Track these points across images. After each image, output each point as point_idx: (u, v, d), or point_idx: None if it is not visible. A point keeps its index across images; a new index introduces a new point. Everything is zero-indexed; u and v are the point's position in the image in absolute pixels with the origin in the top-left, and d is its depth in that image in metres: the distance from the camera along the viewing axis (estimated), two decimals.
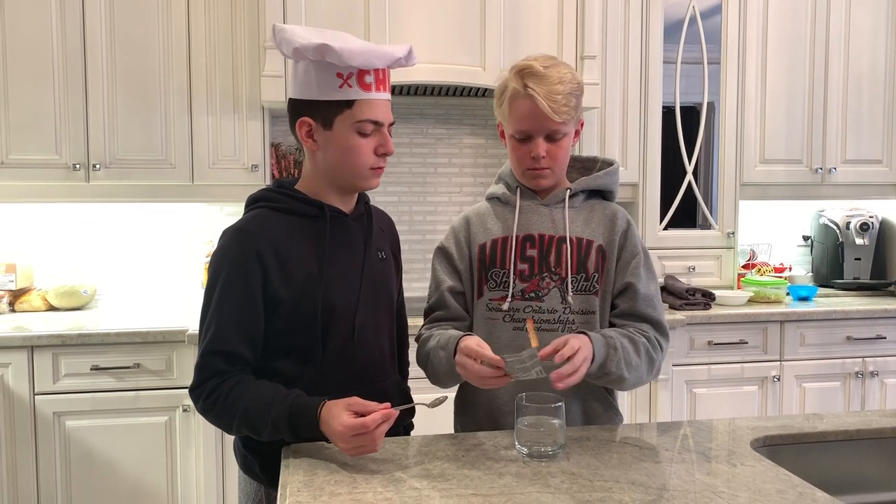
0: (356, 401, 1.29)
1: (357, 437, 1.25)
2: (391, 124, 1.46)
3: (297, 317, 1.42)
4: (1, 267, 3.00)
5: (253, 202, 1.50)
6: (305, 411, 1.31)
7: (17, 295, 3.03)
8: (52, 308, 3.05)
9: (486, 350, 1.37)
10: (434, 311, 1.63)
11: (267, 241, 1.40)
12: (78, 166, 2.84)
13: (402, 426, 1.59)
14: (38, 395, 2.58)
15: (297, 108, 1.44)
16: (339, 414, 1.27)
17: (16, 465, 2.57)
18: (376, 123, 1.42)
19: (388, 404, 1.29)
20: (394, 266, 1.64)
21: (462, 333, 1.47)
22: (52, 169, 2.84)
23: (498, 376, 1.35)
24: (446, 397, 1.44)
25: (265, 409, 1.33)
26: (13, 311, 3.01)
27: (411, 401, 1.63)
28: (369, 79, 1.39)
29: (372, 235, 1.54)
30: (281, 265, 1.40)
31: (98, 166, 2.85)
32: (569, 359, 1.33)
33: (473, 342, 1.39)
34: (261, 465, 1.46)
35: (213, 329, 1.39)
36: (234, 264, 1.39)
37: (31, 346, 2.56)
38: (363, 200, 1.56)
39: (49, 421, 2.58)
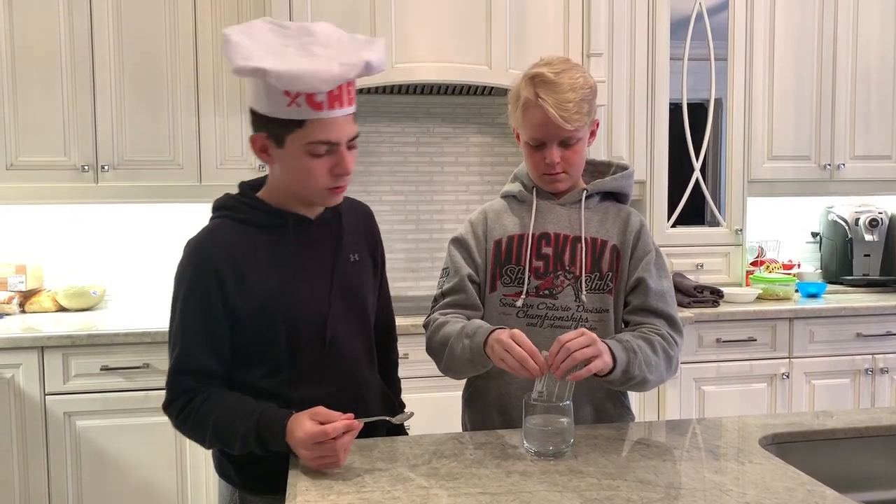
0: (321, 410, 1.27)
1: (318, 445, 1.23)
2: (353, 138, 1.37)
3: (262, 331, 1.38)
4: (11, 268, 3.01)
5: (216, 209, 1.46)
6: (272, 425, 1.29)
7: (27, 296, 3.05)
8: (61, 309, 3.06)
9: (537, 353, 1.34)
10: (449, 296, 1.60)
11: (224, 256, 1.36)
12: (86, 167, 2.86)
13: (386, 429, 1.54)
14: (48, 395, 2.59)
15: (253, 121, 1.37)
16: (303, 422, 1.25)
17: (27, 464, 2.59)
18: (330, 144, 1.32)
19: (351, 415, 1.26)
20: (370, 267, 1.57)
21: (491, 326, 1.45)
22: (61, 170, 2.86)
23: (536, 371, 1.33)
24: (412, 413, 1.45)
25: (233, 424, 1.32)
26: (23, 311, 3.03)
27: (395, 404, 1.63)
28: (320, 97, 1.28)
29: (342, 239, 1.47)
30: (238, 279, 1.36)
31: (106, 167, 2.87)
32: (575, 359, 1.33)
33: (524, 337, 1.36)
34: (235, 468, 1.44)
35: (178, 347, 1.37)
36: (192, 280, 1.37)
37: (42, 346, 2.57)
38: None
39: (60, 421, 2.60)
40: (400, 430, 1.60)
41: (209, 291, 1.35)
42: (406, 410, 1.54)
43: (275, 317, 1.38)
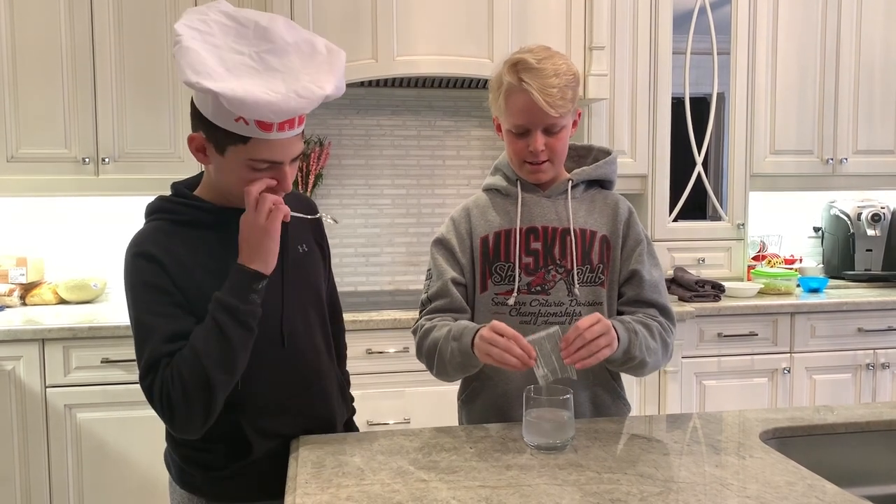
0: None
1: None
2: (298, 157, 1.31)
3: None
4: (12, 260, 3.02)
5: (149, 214, 1.37)
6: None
7: (27, 288, 3.05)
8: (62, 301, 3.07)
9: (520, 337, 1.33)
10: (434, 301, 1.57)
11: (166, 254, 1.28)
12: (87, 160, 2.85)
13: (344, 425, 1.54)
14: (49, 387, 2.59)
15: (194, 118, 1.30)
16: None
17: (28, 456, 2.59)
18: (273, 163, 1.26)
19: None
20: (319, 256, 1.52)
21: (477, 325, 1.44)
22: (62, 163, 2.85)
23: (525, 358, 1.32)
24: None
25: (206, 336, 1.23)
26: (24, 304, 3.03)
27: (352, 398, 1.61)
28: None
29: (288, 231, 1.38)
30: (186, 276, 1.28)
31: (107, 160, 2.86)
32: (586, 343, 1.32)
33: (504, 325, 1.36)
34: (203, 478, 1.38)
35: (146, 343, 1.26)
36: (140, 278, 1.29)
37: (42, 339, 2.58)
38: None
39: (60, 413, 2.60)
40: (351, 427, 1.59)
41: (160, 280, 1.27)
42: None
43: None
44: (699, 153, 3.31)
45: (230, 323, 1.24)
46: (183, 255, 1.30)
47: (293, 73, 1.23)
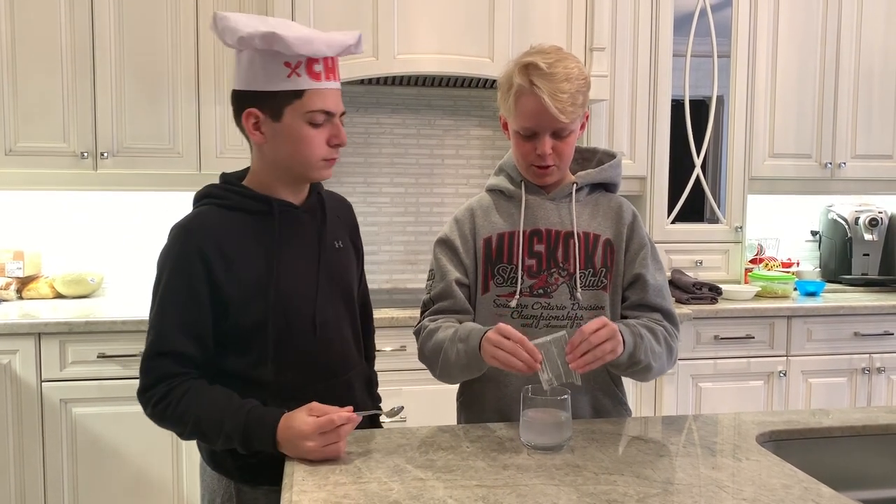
0: (315, 405, 1.28)
1: (325, 434, 1.24)
2: (342, 114, 1.41)
3: (249, 317, 1.37)
4: (9, 254, 3.01)
5: (199, 199, 1.45)
6: (262, 423, 1.29)
7: (24, 282, 3.04)
8: (59, 296, 3.06)
9: (526, 340, 1.33)
10: (437, 302, 1.57)
11: (211, 240, 1.35)
12: (86, 154, 2.85)
13: (369, 420, 1.56)
14: (45, 382, 2.59)
15: (242, 100, 1.38)
16: (303, 417, 1.26)
17: (23, 451, 2.59)
18: (328, 113, 1.37)
19: (350, 408, 1.27)
20: (353, 254, 1.59)
21: (484, 327, 1.43)
22: (60, 157, 2.85)
23: (531, 362, 1.32)
24: (402, 407, 1.48)
25: (219, 420, 1.30)
26: (21, 298, 3.02)
27: (379, 397, 1.65)
28: (318, 67, 1.34)
29: (326, 225, 1.49)
30: (227, 264, 1.35)
31: (106, 154, 2.86)
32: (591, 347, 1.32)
33: (511, 328, 1.36)
34: (231, 461, 1.41)
35: (156, 330, 1.36)
36: (176, 263, 1.36)
37: (39, 333, 2.57)
38: (315, 190, 1.51)
39: (56, 408, 2.60)
40: (376, 423, 1.60)
41: (194, 274, 1.34)
42: (395, 406, 1.56)
43: (263, 301, 1.37)
44: (698, 155, 3.32)
45: (234, 438, 1.31)
46: (224, 241, 1.37)
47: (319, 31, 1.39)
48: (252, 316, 1.37)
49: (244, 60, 1.36)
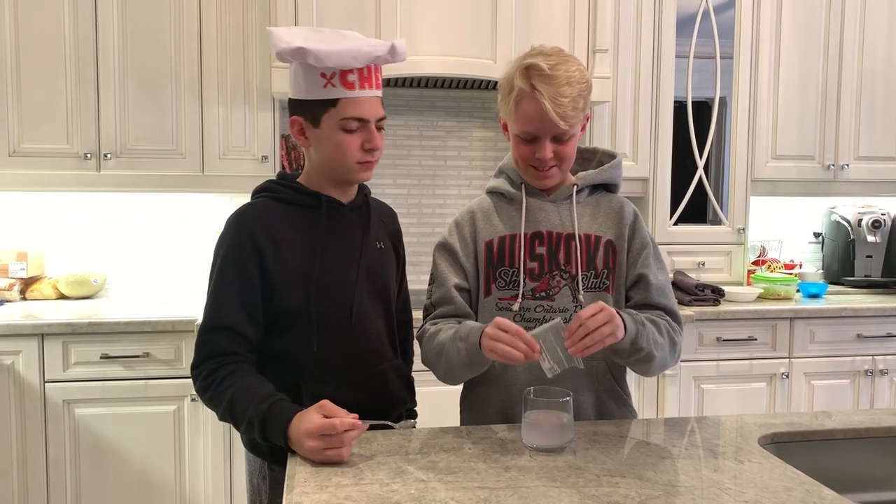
0: (327, 404, 1.30)
1: (326, 437, 1.25)
2: (381, 119, 1.49)
3: (293, 301, 1.47)
4: (12, 255, 3.02)
5: (257, 193, 1.56)
6: (279, 416, 1.32)
7: (27, 283, 3.05)
8: (62, 296, 3.06)
9: (523, 332, 1.33)
10: (438, 308, 1.57)
11: (262, 226, 1.46)
12: (89, 155, 2.85)
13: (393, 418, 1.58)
14: (48, 382, 2.59)
15: (292, 108, 1.51)
16: (311, 415, 1.29)
17: (26, 451, 2.59)
18: (361, 120, 1.46)
19: (356, 415, 1.29)
20: (393, 258, 1.68)
21: (483, 325, 1.43)
22: (64, 158, 2.85)
23: (529, 352, 1.32)
24: (415, 422, 1.54)
25: (246, 404, 1.36)
26: (24, 298, 3.03)
27: (414, 389, 1.70)
28: (352, 77, 1.43)
29: (370, 225, 1.59)
30: (276, 249, 1.46)
31: (109, 156, 2.86)
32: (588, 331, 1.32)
33: (508, 321, 1.36)
34: (265, 443, 1.43)
35: (211, 307, 1.45)
36: (231, 246, 1.47)
37: (42, 333, 2.58)
38: (363, 192, 1.61)
39: (59, 408, 2.60)
40: (412, 415, 1.68)
41: (247, 257, 1.44)
42: (410, 419, 1.63)
43: (306, 287, 1.47)
44: (701, 157, 3.32)
45: (254, 425, 1.35)
46: (275, 228, 1.47)
47: (363, 40, 1.49)
48: (295, 300, 1.47)
49: (292, 71, 1.48)
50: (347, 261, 1.53)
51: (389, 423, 1.43)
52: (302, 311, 1.47)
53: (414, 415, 1.73)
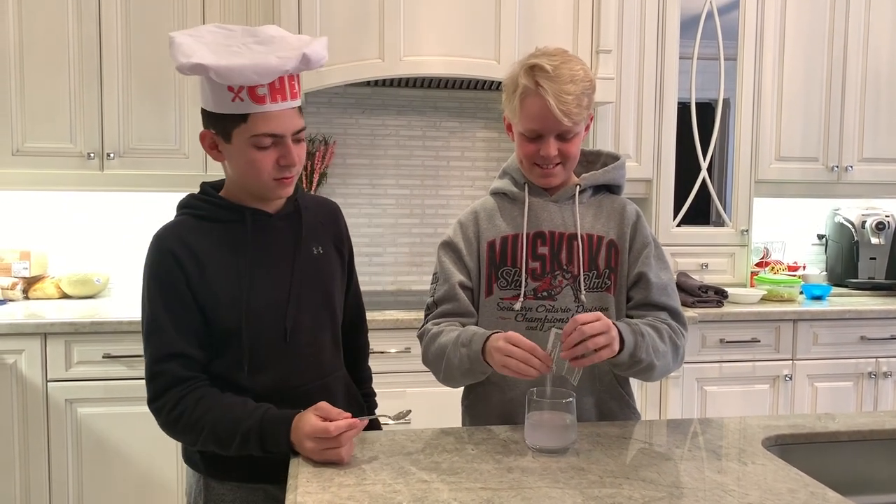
0: (323, 405, 1.30)
1: (322, 439, 1.25)
2: (299, 131, 1.38)
3: (222, 322, 1.38)
4: (15, 254, 3.02)
5: (179, 209, 1.48)
6: (277, 423, 1.30)
7: (30, 282, 3.05)
8: (65, 296, 3.07)
9: (537, 347, 1.34)
10: (441, 305, 1.57)
11: (183, 247, 1.37)
12: (92, 155, 2.86)
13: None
14: (50, 381, 2.59)
15: (203, 119, 1.41)
16: (308, 417, 1.28)
17: (28, 450, 2.59)
18: (274, 136, 1.35)
19: (349, 414, 1.28)
20: (337, 260, 1.57)
21: (487, 331, 1.43)
22: (67, 157, 2.86)
23: (545, 369, 1.32)
24: (410, 411, 1.46)
25: (234, 423, 1.32)
26: (27, 298, 3.03)
27: (360, 398, 1.65)
28: (262, 91, 1.31)
29: (303, 232, 1.48)
30: (201, 270, 1.37)
31: (112, 155, 2.87)
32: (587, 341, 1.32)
33: (519, 336, 1.36)
34: (201, 455, 1.44)
35: (155, 335, 1.36)
36: (157, 269, 1.38)
37: (45, 333, 2.58)
38: (294, 196, 1.50)
39: (61, 408, 2.60)
40: (375, 426, 1.59)
41: (175, 278, 1.36)
42: (403, 410, 1.56)
43: (234, 308, 1.38)
44: (704, 158, 3.31)
45: (250, 439, 1.32)
46: (198, 249, 1.38)
47: (275, 47, 1.34)
48: (226, 323, 1.39)
49: (199, 82, 1.38)
50: (279, 275, 1.43)
51: (387, 416, 1.43)
52: (234, 333, 1.39)
53: (375, 405, 1.71)
